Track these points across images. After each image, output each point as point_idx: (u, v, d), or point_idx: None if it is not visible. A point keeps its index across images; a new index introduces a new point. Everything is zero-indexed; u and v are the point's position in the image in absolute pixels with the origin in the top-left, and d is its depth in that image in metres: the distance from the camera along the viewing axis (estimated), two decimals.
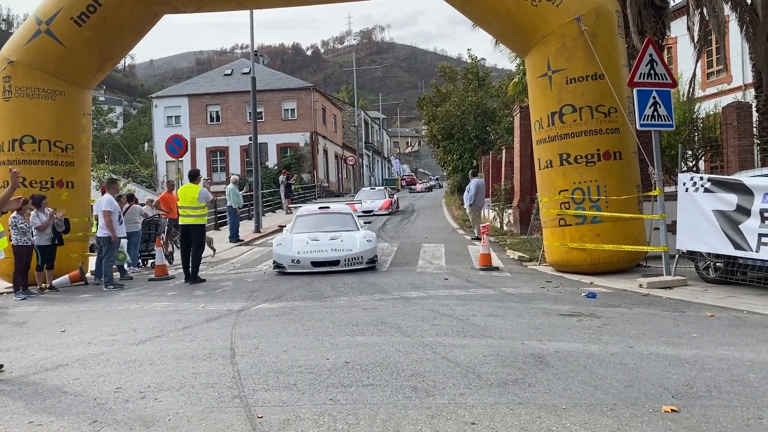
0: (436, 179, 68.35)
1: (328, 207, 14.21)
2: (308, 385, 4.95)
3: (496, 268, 11.39)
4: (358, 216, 16.28)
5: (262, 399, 4.66)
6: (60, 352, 6.34)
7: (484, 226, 12.47)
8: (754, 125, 14.08)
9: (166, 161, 43.15)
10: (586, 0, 10.62)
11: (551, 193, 11.00)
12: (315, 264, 11.68)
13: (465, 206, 17.40)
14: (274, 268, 11.99)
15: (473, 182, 16.62)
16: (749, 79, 20.25)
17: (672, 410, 4.02)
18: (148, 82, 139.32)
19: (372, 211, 25.67)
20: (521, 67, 23.51)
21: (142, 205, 15.64)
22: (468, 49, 37.03)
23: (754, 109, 14.41)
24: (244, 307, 8.56)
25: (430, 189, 55.93)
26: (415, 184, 63.42)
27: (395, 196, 30.74)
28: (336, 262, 11.71)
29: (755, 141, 13.60)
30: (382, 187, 33.99)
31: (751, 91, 18.92)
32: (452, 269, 11.46)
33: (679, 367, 4.98)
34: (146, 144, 52.34)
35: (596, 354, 5.47)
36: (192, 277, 11.36)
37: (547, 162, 11.07)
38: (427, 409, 4.31)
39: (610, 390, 4.51)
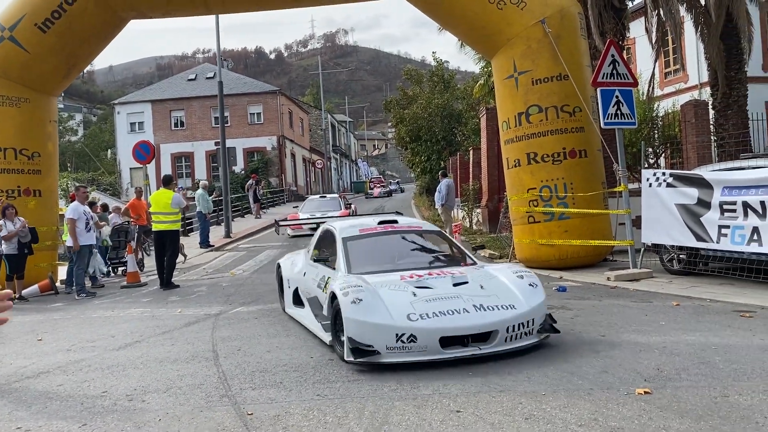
0: (397, 182, 61.91)
1: (395, 222, 7.44)
2: (294, 383, 5.05)
3: None
4: (304, 235, 14.78)
5: (250, 397, 4.75)
6: (39, 360, 6.31)
7: (455, 226, 12.69)
8: (711, 122, 14.62)
9: (130, 168, 42.58)
10: (549, 3, 10.93)
11: (520, 192, 11.27)
12: (446, 342, 5.31)
13: (436, 206, 17.62)
14: (350, 357, 5.29)
15: (444, 183, 16.86)
16: (705, 78, 20.98)
17: (645, 392, 4.24)
18: (108, 88, 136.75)
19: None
20: (485, 69, 23.90)
21: (109, 213, 15.48)
22: (433, 53, 37.42)
23: (710, 106, 14.96)
24: (222, 311, 8.60)
25: (389, 194, 49.98)
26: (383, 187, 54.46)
27: (353, 206, 23.81)
28: (486, 336, 5.38)
29: (712, 137, 14.11)
30: (336, 195, 25.48)
31: (707, 90, 19.59)
32: None
33: (650, 353, 5.22)
34: (109, 151, 51.44)
35: (571, 343, 5.69)
36: (166, 282, 11.32)
37: (515, 161, 11.34)
38: (413, 399, 4.46)
39: (586, 376, 4.72)
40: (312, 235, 11.17)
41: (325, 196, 23.72)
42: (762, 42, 21.09)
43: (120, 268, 14.27)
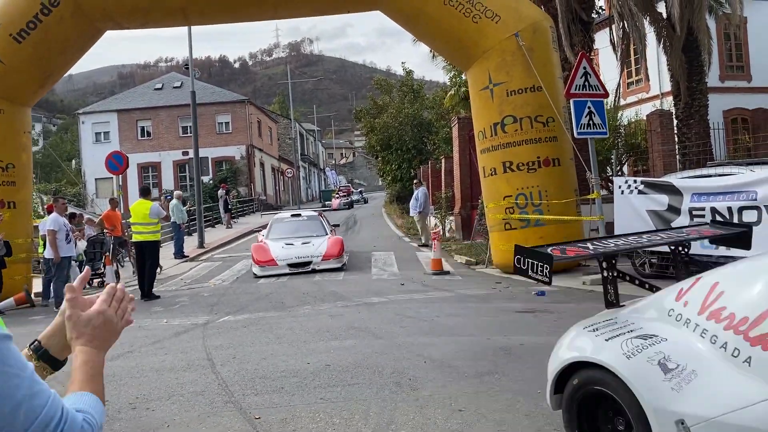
0: (360, 192, 54.59)
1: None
2: (296, 388, 5.19)
3: (448, 272, 11.87)
4: (278, 275, 12.39)
5: (254, 402, 4.88)
6: None
7: (434, 233, 12.94)
8: (675, 131, 15.22)
9: (96, 178, 41.87)
10: (523, 17, 11.30)
11: (496, 199, 11.58)
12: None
13: (412, 214, 17.88)
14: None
15: (420, 191, 17.13)
16: (666, 88, 21.77)
17: None
18: (68, 97, 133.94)
19: (309, 263, 13.23)
20: (456, 80, 24.33)
21: (83, 224, 15.31)
22: (402, 63, 37.75)
23: (674, 116, 15.57)
24: (209, 321, 8.65)
25: (350, 205, 43.31)
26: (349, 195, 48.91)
27: (335, 232, 15.84)
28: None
29: (677, 146, 14.70)
30: (315, 213, 16.97)
31: (669, 99, 20.34)
32: (406, 275, 11.85)
33: None
34: (73, 161, 50.46)
35: None
36: (147, 293, 11.28)
37: (491, 170, 11.65)
38: (415, 401, 4.65)
39: None
40: (293, 274, 13.16)
41: (299, 215, 16.60)
42: (719, 54, 21.96)
43: (95, 280, 14.12)
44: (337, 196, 46.77)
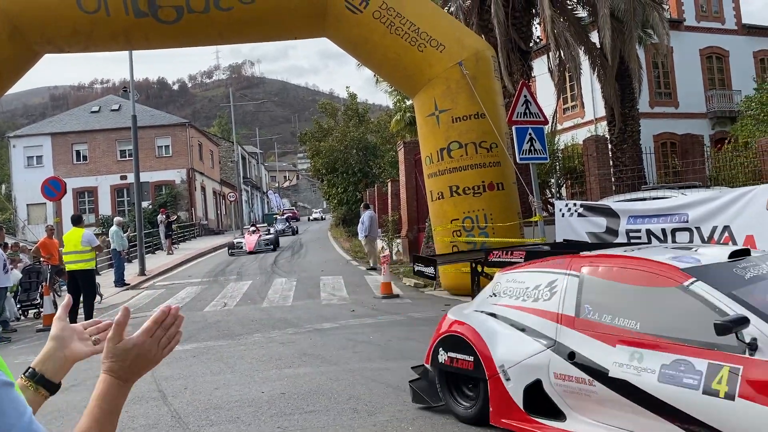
0: (286, 218, 41.89)
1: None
2: (252, 417, 5.16)
3: (397, 296, 11.97)
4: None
5: None
6: None
7: (384, 257, 13.05)
8: (610, 155, 15.93)
9: (27, 204, 40.25)
10: (466, 46, 11.67)
11: (444, 222, 11.81)
12: None
13: (360, 238, 17.96)
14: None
15: (366, 214, 17.24)
16: (600, 113, 22.76)
17: None
18: None
19: None
20: (400, 105, 24.73)
21: (16, 253, 14.72)
22: (347, 87, 38.09)
23: (608, 141, 16.30)
24: None
25: (271, 244, 25.78)
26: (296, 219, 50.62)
27: None
28: None
29: (612, 169, 15.37)
30: None
31: (602, 124, 21.28)
32: (356, 299, 11.89)
33: None
34: (3, 186, 48.33)
35: None
36: None
37: (438, 194, 11.89)
38: (372, 426, 4.70)
39: None
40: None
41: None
42: (648, 81, 23.15)
43: (31, 311, 13.57)
44: (249, 231, 27.83)
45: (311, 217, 66.41)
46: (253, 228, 29.06)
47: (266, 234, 28.07)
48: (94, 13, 11.09)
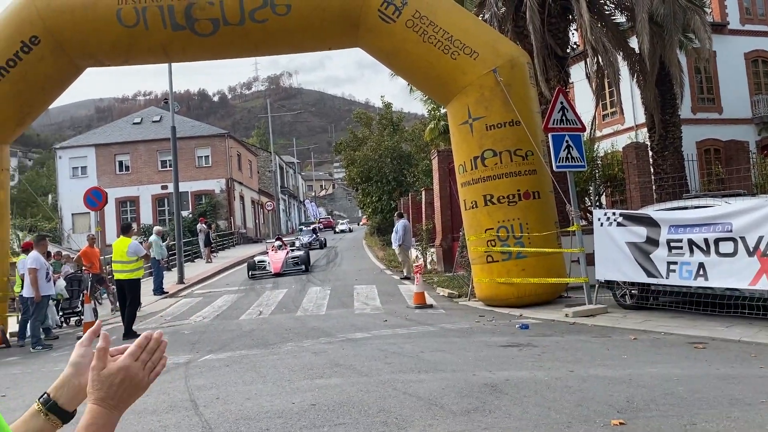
0: (312, 229, 37.30)
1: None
2: (281, 429, 5.11)
3: (431, 306, 11.86)
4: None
5: None
6: (10, 416, 6.11)
7: (417, 266, 12.97)
8: (651, 162, 15.54)
9: (72, 213, 41.41)
10: (500, 53, 11.55)
11: (478, 232, 11.66)
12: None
13: (393, 247, 17.91)
14: None
15: (400, 223, 17.18)
16: (640, 120, 22.28)
17: (620, 423, 4.52)
18: (45, 131, 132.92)
19: None
20: (435, 113, 24.65)
21: (61, 261, 15.10)
22: (381, 96, 38.17)
23: (649, 148, 15.91)
24: (191, 360, 8.52)
25: (302, 264, 21.22)
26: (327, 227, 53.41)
27: None
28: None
29: (653, 177, 14.99)
30: None
31: (643, 131, 20.82)
32: (389, 309, 11.82)
33: (618, 386, 5.54)
34: (50, 196, 49.83)
35: (543, 379, 5.96)
36: (126, 332, 11.11)
37: (472, 203, 11.76)
38: None
39: (563, 410, 4.98)
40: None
41: None
42: (690, 87, 22.59)
43: (73, 318, 13.88)
44: (274, 247, 23.35)
45: (337, 229, 59.69)
46: (278, 243, 23.84)
47: (295, 250, 23.52)
48: (133, 27, 11.33)
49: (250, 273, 20.46)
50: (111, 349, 1.32)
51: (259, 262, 21.00)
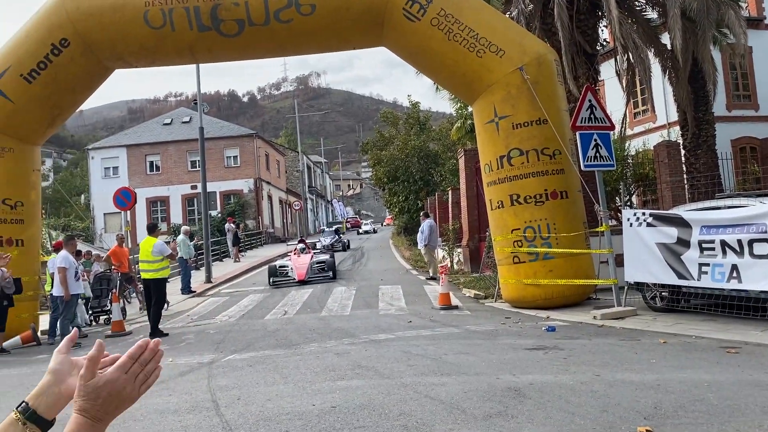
0: (335, 230, 36.69)
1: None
2: (301, 430, 5.08)
3: (456, 307, 11.74)
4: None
5: None
6: None
7: (442, 267, 12.85)
8: (683, 161, 15.17)
9: (104, 213, 42.14)
10: (527, 50, 11.37)
11: (504, 232, 11.50)
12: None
13: (419, 247, 17.81)
14: None
15: (426, 223, 17.08)
16: (672, 118, 21.79)
17: (647, 430, 4.37)
18: (78, 132, 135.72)
19: None
20: (461, 112, 24.46)
21: (91, 261, 15.32)
22: (408, 96, 38.15)
23: (681, 146, 15.53)
24: (214, 359, 8.55)
25: (329, 270, 19.01)
26: (354, 227, 53.60)
27: None
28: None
29: (685, 176, 14.63)
30: None
31: (675, 129, 20.36)
32: (414, 310, 11.73)
33: (646, 391, 5.38)
34: (82, 196, 50.85)
35: (568, 384, 5.82)
36: (152, 331, 11.22)
37: (498, 203, 11.60)
38: None
39: (587, 416, 4.84)
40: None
41: None
42: (724, 84, 22.04)
43: (102, 317, 14.08)
44: (296, 250, 21.18)
45: (361, 230, 57.64)
46: (301, 245, 21.69)
47: (319, 253, 21.51)
48: (160, 28, 11.45)
49: (271, 280, 18.59)
50: (103, 359, 1.27)
51: (280, 267, 19.06)
